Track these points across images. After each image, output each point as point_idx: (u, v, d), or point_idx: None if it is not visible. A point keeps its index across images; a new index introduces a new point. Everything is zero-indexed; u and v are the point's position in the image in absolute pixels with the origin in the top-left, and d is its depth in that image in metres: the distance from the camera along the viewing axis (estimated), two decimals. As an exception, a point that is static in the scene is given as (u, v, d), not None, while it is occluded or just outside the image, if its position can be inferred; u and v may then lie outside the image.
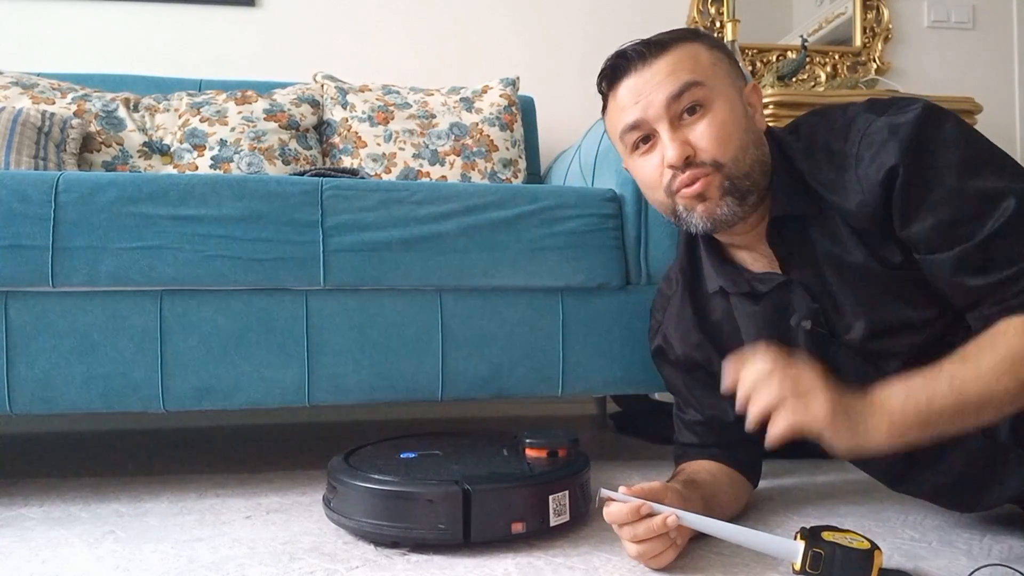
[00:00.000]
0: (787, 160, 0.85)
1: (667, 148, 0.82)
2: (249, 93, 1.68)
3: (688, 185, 0.82)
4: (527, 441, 0.96)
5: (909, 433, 0.71)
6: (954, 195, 0.74)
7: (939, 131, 0.76)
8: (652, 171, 0.85)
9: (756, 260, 0.90)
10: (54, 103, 1.57)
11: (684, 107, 0.82)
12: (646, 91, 0.83)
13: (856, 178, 0.78)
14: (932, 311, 0.80)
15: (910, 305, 0.80)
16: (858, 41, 2.32)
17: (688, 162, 0.82)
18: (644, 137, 0.85)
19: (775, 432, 0.71)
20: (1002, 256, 0.72)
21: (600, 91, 0.91)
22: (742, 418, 0.98)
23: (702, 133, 0.82)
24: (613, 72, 0.87)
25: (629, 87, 0.85)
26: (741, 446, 0.99)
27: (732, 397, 0.98)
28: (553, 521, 0.86)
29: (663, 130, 0.83)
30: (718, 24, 2.23)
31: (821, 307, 0.85)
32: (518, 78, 1.85)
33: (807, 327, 0.86)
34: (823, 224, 0.83)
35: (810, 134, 0.85)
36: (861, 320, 0.83)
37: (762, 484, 1.06)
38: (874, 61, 2.31)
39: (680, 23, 2.24)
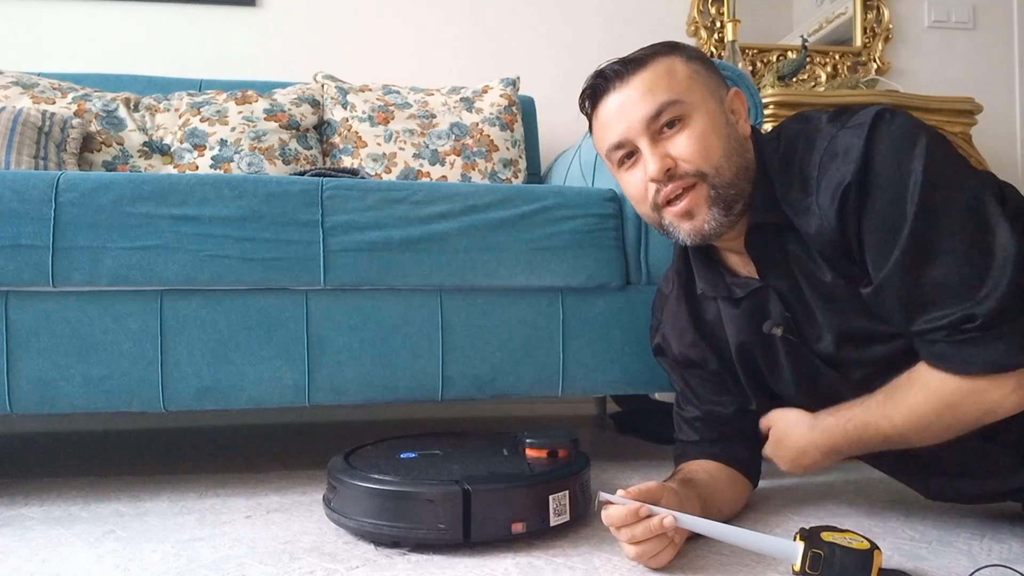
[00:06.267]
0: (765, 172, 0.85)
1: (648, 162, 0.83)
2: (249, 93, 1.68)
3: (673, 201, 0.83)
4: (527, 441, 0.96)
5: (840, 457, 0.87)
6: (897, 228, 0.72)
7: (883, 152, 0.73)
8: (637, 185, 0.87)
9: (746, 264, 0.90)
10: (54, 103, 1.57)
11: (663, 123, 0.83)
12: (625, 110, 0.84)
13: (816, 204, 0.78)
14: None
15: (878, 319, 0.80)
16: (858, 41, 2.31)
17: (670, 175, 0.82)
18: (628, 153, 0.87)
19: None
20: (937, 294, 0.72)
21: (583, 112, 0.93)
22: (740, 413, 0.99)
23: (683, 145, 0.82)
24: (593, 92, 0.89)
25: (609, 106, 0.86)
26: (740, 442, 0.99)
27: (729, 394, 0.99)
28: (553, 521, 0.86)
29: (644, 146, 0.84)
30: (718, 24, 2.23)
31: (794, 315, 0.86)
32: (518, 78, 1.85)
33: (777, 334, 0.87)
34: (798, 235, 0.83)
35: (788, 146, 0.84)
36: (830, 331, 0.84)
37: (762, 484, 1.06)
38: (874, 61, 2.31)
39: (680, 23, 2.25)
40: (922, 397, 0.75)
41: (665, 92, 0.83)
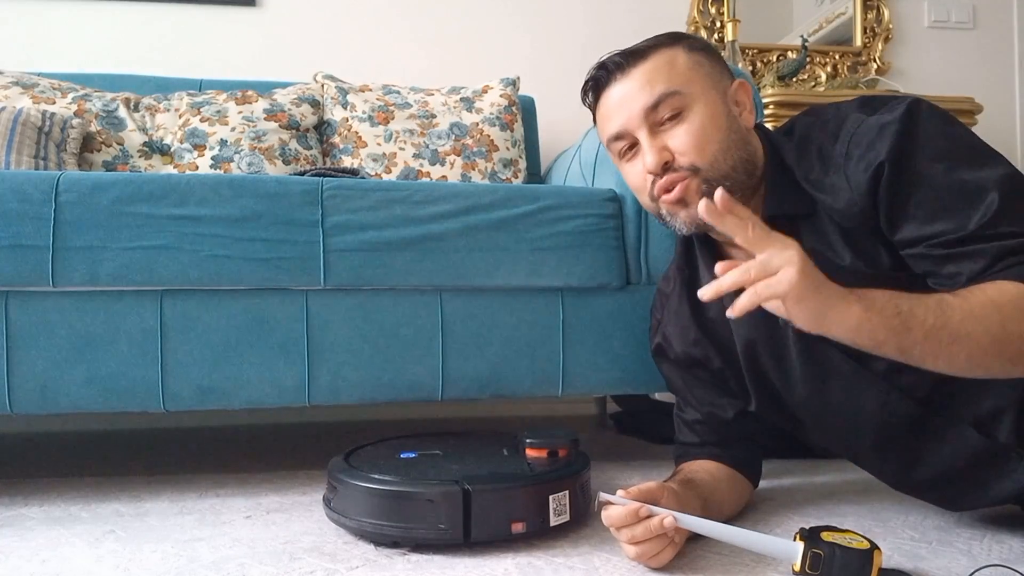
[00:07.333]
0: (779, 160, 0.86)
1: (646, 155, 0.84)
2: (249, 93, 1.68)
3: (667, 191, 0.84)
4: (527, 441, 0.96)
5: (879, 332, 0.68)
6: (939, 191, 0.75)
7: (925, 128, 0.77)
8: (637, 176, 0.88)
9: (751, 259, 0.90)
10: (54, 103, 1.57)
11: (662, 115, 0.84)
12: (625, 102, 0.86)
13: (845, 177, 0.79)
14: None
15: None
16: (858, 41, 2.32)
17: (666, 167, 0.84)
18: (629, 145, 0.88)
19: (740, 303, 0.68)
20: (988, 245, 0.73)
21: (585, 104, 0.94)
22: (740, 416, 0.99)
23: (680, 139, 0.83)
24: (595, 84, 0.90)
25: (610, 98, 0.88)
26: (740, 444, 0.99)
27: (730, 395, 0.99)
28: (553, 521, 0.86)
29: (643, 137, 0.85)
30: (718, 24, 2.23)
31: None
32: (518, 78, 1.85)
33: (794, 326, 0.86)
34: (813, 226, 0.83)
35: (804, 135, 0.86)
36: None
37: (762, 484, 1.06)
38: (874, 61, 2.31)
39: (680, 23, 2.24)
40: (994, 300, 0.69)
41: (664, 83, 0.84)
